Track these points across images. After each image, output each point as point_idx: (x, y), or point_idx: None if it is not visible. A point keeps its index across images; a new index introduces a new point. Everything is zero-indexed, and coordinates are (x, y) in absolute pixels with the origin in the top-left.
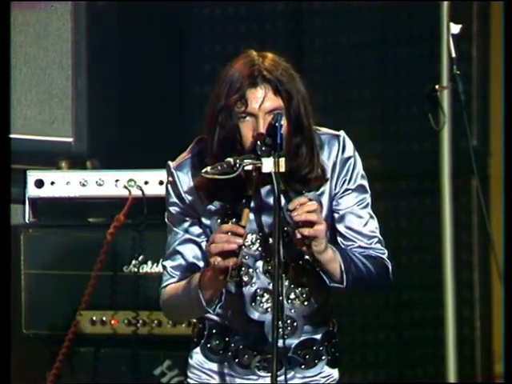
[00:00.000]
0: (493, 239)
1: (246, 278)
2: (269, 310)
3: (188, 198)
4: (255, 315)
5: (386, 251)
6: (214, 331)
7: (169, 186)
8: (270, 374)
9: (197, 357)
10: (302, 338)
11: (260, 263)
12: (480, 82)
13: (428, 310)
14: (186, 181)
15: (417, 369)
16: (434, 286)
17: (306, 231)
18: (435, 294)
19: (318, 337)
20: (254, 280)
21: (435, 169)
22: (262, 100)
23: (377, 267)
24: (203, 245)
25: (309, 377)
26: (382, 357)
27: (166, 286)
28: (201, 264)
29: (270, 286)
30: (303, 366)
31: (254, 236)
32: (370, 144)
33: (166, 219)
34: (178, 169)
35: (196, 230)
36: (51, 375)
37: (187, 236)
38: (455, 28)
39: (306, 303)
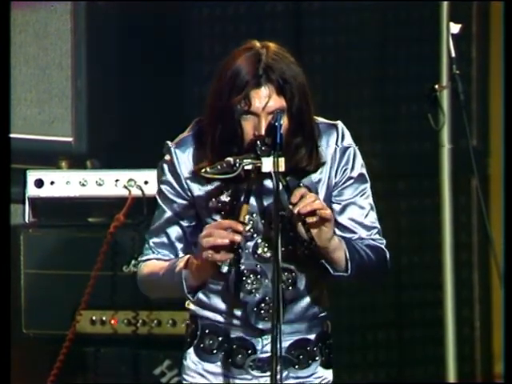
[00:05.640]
0: (492, 239)
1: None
2: (253, 291)
3: (184, 178)
4: (240, 295)
5: (384, 240)
6: (206, 331)
7: (164, 165)
8: (263, 374)
9: (191, 357)
10: (295, 338)
11: (250, 244)
12: (480, 81)
13: (428, 309)
14: (184, 160)
15: (417, 369)
16: (433, 285)
17: (315, 218)
18: (435, 293)
19: (312, 337)
20: (242, 260)
21: (435, 169)
22: (267, 101)
23: (376, 256)
24: (188, 229)
25: (302, 377)
26: (382, 356)
27: (146, 260)
28: (181, 245)
29: (258, 268)
30: (297, 366)
31: (248, 217)
32: (370, 144)
33: (156, 195)
34: (178, 146)
35: (185, 212)
36: (51, 375)
37: (174, 217)
38: (455, 28)
39: (290, 288)
